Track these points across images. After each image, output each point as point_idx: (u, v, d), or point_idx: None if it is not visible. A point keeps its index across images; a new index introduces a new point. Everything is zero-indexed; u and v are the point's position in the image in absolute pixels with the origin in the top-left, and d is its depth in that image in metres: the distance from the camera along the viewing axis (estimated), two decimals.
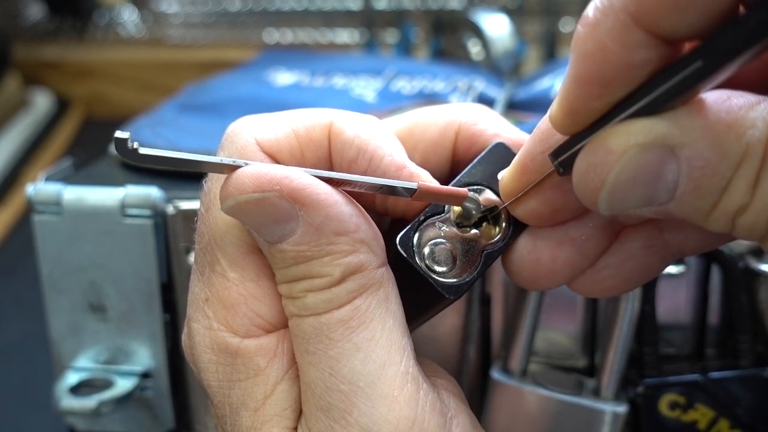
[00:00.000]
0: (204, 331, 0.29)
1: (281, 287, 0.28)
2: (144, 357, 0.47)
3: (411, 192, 0.28)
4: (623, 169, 0.23)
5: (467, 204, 0.30)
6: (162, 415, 0.48)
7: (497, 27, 0.78)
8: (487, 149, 0.31)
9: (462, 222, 0.30)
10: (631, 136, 0.23)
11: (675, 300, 0.44)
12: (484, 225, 0.30)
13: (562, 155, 0.26)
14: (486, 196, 0.30)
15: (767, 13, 0.20)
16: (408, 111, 0.35)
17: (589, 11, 0.23)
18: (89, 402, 0.43)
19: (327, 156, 0.30)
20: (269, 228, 0.27)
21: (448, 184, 0.31)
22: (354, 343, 0.27)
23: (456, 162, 0.33)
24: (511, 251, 0.30)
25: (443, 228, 0.30)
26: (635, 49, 0.22)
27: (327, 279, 0.27)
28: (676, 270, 0.42)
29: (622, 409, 0.41)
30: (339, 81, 0.64)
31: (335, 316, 0.27)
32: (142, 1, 1.11)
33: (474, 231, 0.30)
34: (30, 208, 0.46)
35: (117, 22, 1.13)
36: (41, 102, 1.11)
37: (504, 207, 0.30)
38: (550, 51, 0.85)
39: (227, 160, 0.27)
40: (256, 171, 0.26)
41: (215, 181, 0.29)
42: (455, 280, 0.29)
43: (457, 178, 0.31)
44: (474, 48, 0.79)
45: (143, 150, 0.25)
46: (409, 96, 0.61)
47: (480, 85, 0.62)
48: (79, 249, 0.45)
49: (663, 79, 0.23)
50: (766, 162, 0.22)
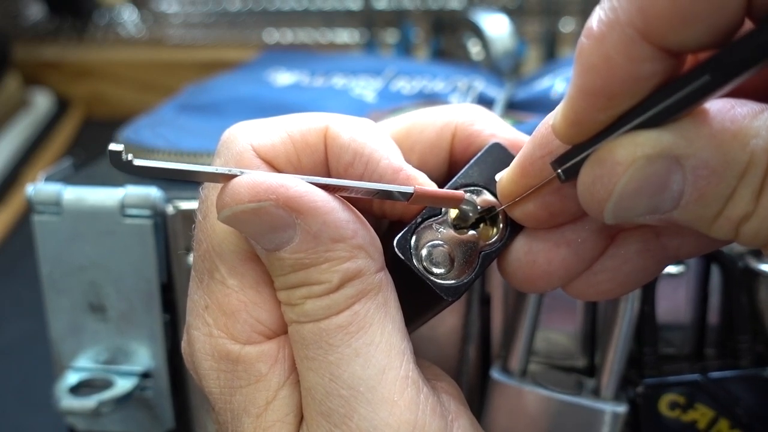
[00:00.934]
0: (204, 338, 0.29)
1: (280, 294, 0.28)
2: (144, 357, 0.47)
3: (407, 196, 0.28)
4: (630, 180, 0.24)
5: (464, 206, 0.30)
6: (162, 415, 0.48)
7: (497, 27, 0.78)
8: (484, 150, 0.31)
9: (459, 223, 0.30)
10: (638, 147, 0.23)
11: (675, 300, 0.44)
12: (481, 226, 0.30)
13: (564, 164, 0.26)
14: (483, 197, 0.30)
15: None
16: (407, 111, 0.35)
17: (594, 24, 0.23)
18: (89, 402, 0.43)
19: (323, 160, 0.30)
20: (266, 236, 0.27)
21: (445, 185, 0.31)
22: (354, 349, 0.27)
23: (453, 163, 0.33)
24: (507, 253, 0.30)
25: (440, 230, 0.30)
26: (641, 63, 0.22)
27: (325, 285, 0.27)
28: (675, 270, 0.42)
29: (621, 409, 0.41)
30: (339, 81, 0.64)
31: (334, 321, 0.27)
32: (142, 1, 1.11)
33: (471, 232, 0.30)
34: (30, 208, 0.46)
35: (117, 22, 1.13)
36: (41, 102, 1.11)
37: (502, 209, 0.30)
38: (550, 51, 0.85)
39: (222, 169, 0.26)
40: (251, 180, 0.26)
41: (212, 189, 0.29)
42: (453, 281, 0.29)
43: (454, 179, 0.31)
44: (474, 48, 0.79)
45: (138, 162, 0.25)
46: (409, 96, 0.61)
47: (480, 85, 0.62)
48: (79, 249, 0.45)
49: (669, 92, 0.23)
50: None
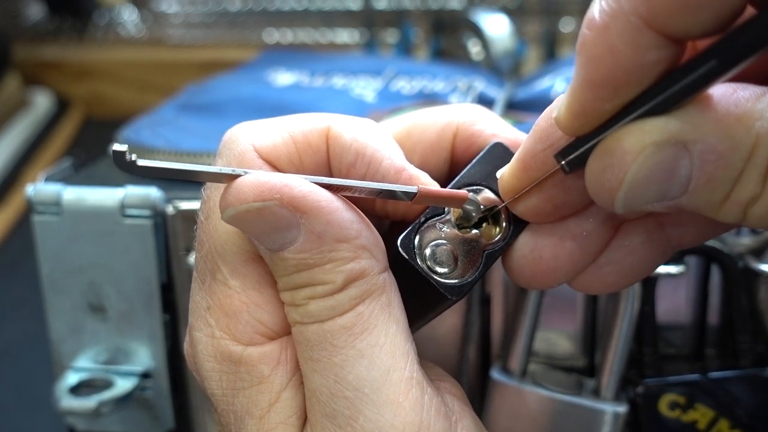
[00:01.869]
0: (207, 340, 0.29)
1: (283, 295, 0.28)
2: (144, 357, 0.47)
3: (411, 196, 0.28)
4: (640, 168, 0.24)
5: (467, 206, 0.30)
6: (162, 415, 0.48)
7: (497, 27, 0.78)
8: (486, 149, 0.31)
9: (462, 223, 0.30)
10: (646, 135, 0.24)
11: (675, 300, 0.44)
12: (484, 225, 0.30)
13: (569, 155, 0.26)
14: (485, 195, 0.30)
15: None
16: (408, 111, 0.35)
17: (596, 14, 0.23)
18: (89, 402, 0.43)
19: (325, 161, 0.30)
20: (270, 236, 0.27)
21: (447, 184, 0.31)
22: (358, 350, 0.27)
23: (455, 162, 0.33)
24: (512, 250, 0.30)
25: (444, 229, 0.30)
26: (646, 51, 0.23)
27: (329, 286, 0.27)
28: (675, 270, 0.42)
29: (622, 409, 0.41)
30: (339, 81, 0.64)
31: (338, 323, 0.27)
32: (142, 1, 1.11)
33: (474, 231, 0.30)
34: (30, 208, 0.46)
35: (117, 22, 1.13)
36: (41, 102, 1.11)
37: (504, 206, 0.30)
38: (550, 51, 0.85)
39: (226, 169, 0.26)
40: (255, 180, 0.26)
41: (214, 190, 0.29)
42: (457, 280, 0.29)
43: (456, 179, 0.31)
44: (474, 48, 0.79)
45: (141, 162, 0.25)
46: (409, 96, 0.61)
47: (480, 85, 0.62)
48: (79, 249, 0.45)
49: (675, 79, 0.23)
50: None
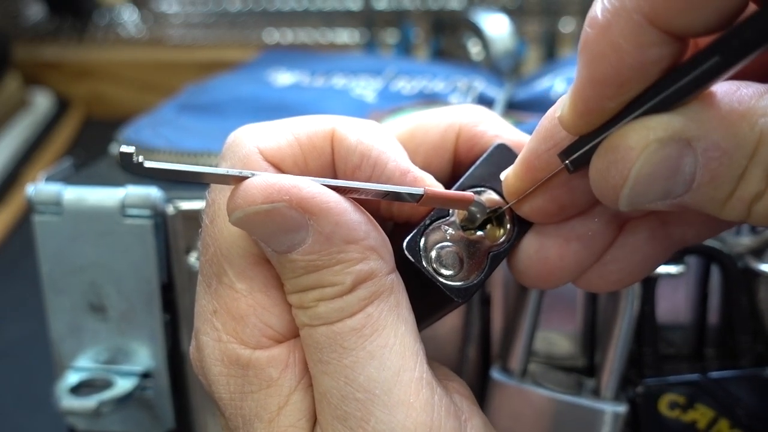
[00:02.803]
0: (213, 344, 0.29)
1: (291, 297, 0.28)
2: (144, 357, 0.47)
3: (417, 198, 0.28)
4: (644, 165, 0.24)
5: (472, 207, 0.30)
6: (162, 415, 0.48)
7: (497, 27, 0.78)
8: (489, 151, 0.31)
9: (467, 224, 0.30)
10: (650, 131, 0.24)
11: (675, 300, 0.44)
12: (488, 227, 0.30)
13: (573, 154, 0.26)
14: (489, 197, 0.30)
15: None
16: (408, 111, 0.35)
17: (598, 12, 0.23)
18: (89, 402, 0.43)
19: (330, 163, 0.30)
20: (278, 238, 0.26)
21: (450, 186, 0.31)
22: (368, 351, 0.27)
23: (457, 164, 0.33)
24: (518, 251, 0.30)
25: (449, 231, 0.30)
26: (649, 48, 0.23)
27: (338, 287, 0.27)
28: (675, 270, 0.42)
29: (621, 409, 0.41)
30: (339, 81, 0.64)
31: (348, 324, 0.27)
32: (142, 1, 1.11)
33: (479, 233, 0.30)
34: (30, 208, 0.46)
35: (117, 22, 1.13)
36: (41, 102, 1.11)
37: (508, 207, 0.30)
38: (550, 51, 0.85)
39: (234, 171, 0.26)
40: (264, 181, 0.26)
41: (219, 192, 0.29)
42: (463, 282, 0.29)
43: (461, 181, 0.31)
44: (474, 48, 0.79)
45: (149, 163, 0.25)
46: (409, 96, 0.61)
47: (480, 86, 0.62)
48: (80, 249, 0.45)
49: (678, 76, 0.23)
50: None
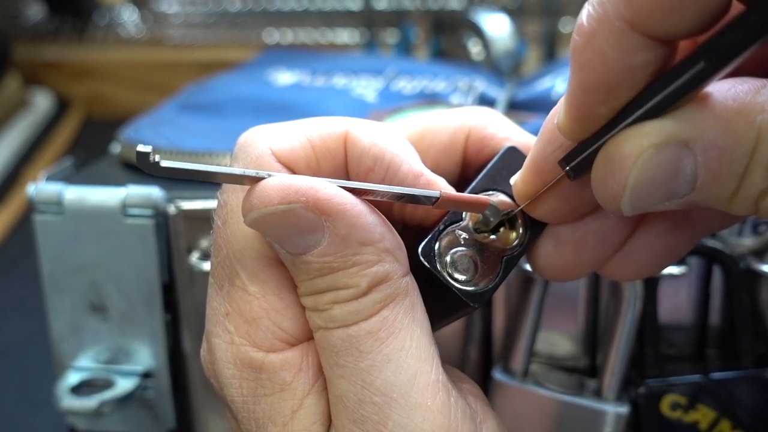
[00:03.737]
0: (226, 346, 0.28)
1: (305, 300, 0.28)
2: (145, 357, 0.47)
3: (433, 200, 0.28)
4: (641, 171, 0.24)
5: (486, 211, 0.29)
6: (163, 415, 0.48)
7: (497, 27, 0.78)
8: (499, 154, 0.31)
9: (480, 228, 0.30)
10: (644, 138, 0.24)
11: (676, 300, 0.44)
12: (501, 230, 0.30)
13: (572, 161, 0.26)
14: (501, 199, 0.30)
15: (766, 13, 0.21)
16: (409, 111, 0.34)
17: (584, 20, 0.23)
18: (90, 402, 0.43)
19: (343, 165, 0.30)
20: (293, 240, 0.26)
21: (460, 188, 0.31)
22: (385, 355, 0.26)
23: (466, 166, 0.33)
24: (536, 249, 0.30)
25: (462, 235, 0.30)
26: (634, 53, 0.23)
27: (353, 290, 0.26)
28: (677, 270, 0.42)
29: (623, 410, 0.41)
30: (339, 81, 0.64)
31: (364, 327, 0.27)
32: (142, 1, 1.11)
33: (492, 237, 0.30)
34: (31, 207, 0.46)
35: (117, 22, 1.13)
36: (41, 102, 1.11)
37: (520, 209, 0.30)
38: (550, 51, 0.85)
39: (250, 171, 0.26)
40: (281, 182, 0.26)
41: (231, 194, 0.29)
42: (478, 287, 0.29)
43: (473, 184, 0.30)
44: (474, 48, 0.79)
45: (165, 163, 0.25)
46: (410, 96, 0.61)
47: (480, 85, 0.62)
48: (80, 249, 0.45)
49: (666, 82, 0.23)
50: None
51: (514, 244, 0.30)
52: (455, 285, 0.29)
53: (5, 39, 1.09)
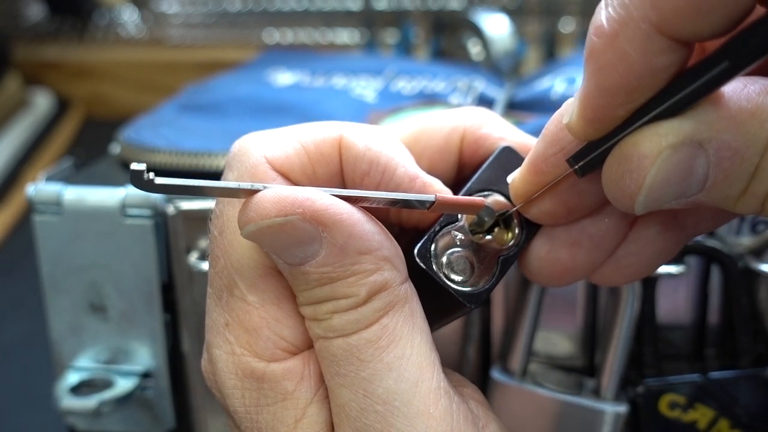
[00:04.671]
0: (227, 357, 0.28)
1: (305, 309, 0.28)
2: (144, 357, 0.47)
3: (429, 204, 0.28)
4: (659, 171, 0.24)
5: (481, 212, 0.30)
6: (162, 415, 0.48)
7: (497, 27, 0.78)
8: (494, 154, 0.31)
9: (475, 228, 0.30)
10: (662, 138, 0.24)
11: (675, 300, 0.44)
12: (496, 230, 0.30)
13: (582, 159, 0.26)
14: (496, 200, 0.30)
15: None
16: (408, 111, 0.34)
17: (604, 21, 0.23)
18: (89, 402, 0.43)
19: (338, 170, 0.30)
20: (291, 251, 0.26)
21: (456, 189, 0.31)
22: (386, 363, 0.26)
23: (462, 166, 0.33)
24: (529, 253, 0.30)
25: (458, 236, 0.30)
26: (657, 56, 0.23)
27: (353, 299, 0.26)
28: (676, 270, 0.42)
29: (622, 409, 0.41)
30: (339, 81, 0.64)
31: (364, 336, 0.27)
32: (142, 1, 1.11)
33: (488, 237, 0.30)
34: (30, 208, 0.46)
35: (117, 22, 1.13)
36: (41, 102, 1.11)
37: (515, 210, 0.30)
38: (550, 51, 0.85)
39: (245, 184, 0.26)
40: (277, 194, 0.26)
41: (227, 204, 0.29)
42: (474, 288, 0.29)
43: (468, 185, 0.31)
44: (474, 48, 0.79)
45: (159, 180, 0.25)
46: (410, 96, 0.61)
47: (480, 86, 0.62)
48: (80, 249, 0.45)
49: (687, 81, 0.23)
50: None
51: (510, 244, 0.30)
52: (451, 286, 0.29)
53: (5, 39, 1.09)
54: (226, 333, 0.29)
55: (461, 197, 0.29)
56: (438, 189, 0.29)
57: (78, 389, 0.45)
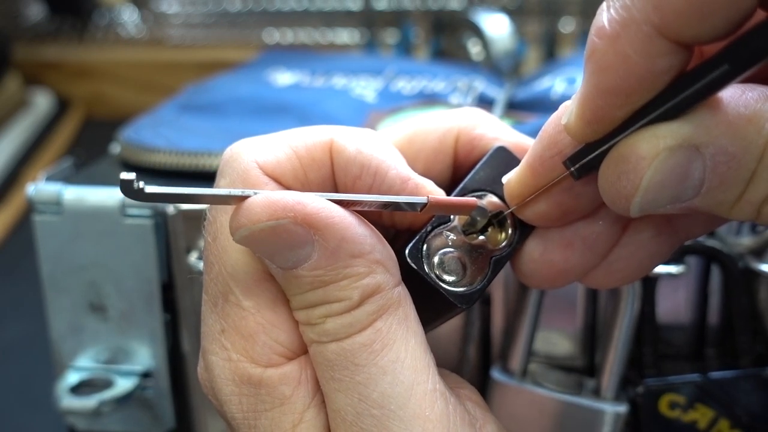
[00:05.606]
0: (223, 363, 0.28)
1: (298, 314, 0.28)
2: (144, 357, 0.47)
3: (421, 206, 0.28)
4: (655, 173, 0.24)
5: (474, 212, 0.29)
6: (162, 415, 0.48)
7: (497, 27, 0.78)
8: (489, 154, 0.31)
9: (468, 228, 0.30)
10: (660, 140, 0.24)
11: (675, 300, 0.44)
12: (489, 230, 0.30)
13: (579, 161, 0.26)
14: (490, 200, 0.30)
15: None
16: (408, 111, 0.34)
17: (605, 22, 0.23)
18: (89, 402, 0.43)
19: (330, 174, 0.29)
20: (284, 254, 0.26)
21: (451, 190, 0.31)
22: (380, 367, 0.26)
23: (457, 167, 0.33)
24: (522, 254, 0.30)
25: (450, 236, 0.30)
26: (658, 58, 0.23)
27: (346, 303, 0.26)
28: (676, 270, 0.42)
29: (622, 409, 0.41)
30: (339, 81, 0.64)
31: (357, 340, 0.26)
32: (142, 1, 1.11)
33: (481, 237, 0.30)
34: (30, 208, 0.46)
35: (117, 22, 1.13)
36: (41, 102, 1.11)
37: (510, 211, 0.30)
38: (550, 51, 0.85)
39: (236, 191, 0.26)
40: (267, 199, 0.26)
41: (220, 210, 0.29)
42: (466, 288, 0.29)
43: (462, 185, 0.30)
44: (474, 48, 0.79)
45: (150, 188, 0.25)
46: (410, 96, 0.61)
47: (480, 86, 0.62)
48: (80, 249, 0.45)
49: (686, 84, 0.23)
50: None
51: (502, 244, 0.30)
52: (443, 286, 0.29)
53: (5, 39, 1.09)
54: (222, 339, 0.28)
55: (453, 198, 0.29)
56: (431, 190, 0.29)
57: (78, 389, 0.45)
